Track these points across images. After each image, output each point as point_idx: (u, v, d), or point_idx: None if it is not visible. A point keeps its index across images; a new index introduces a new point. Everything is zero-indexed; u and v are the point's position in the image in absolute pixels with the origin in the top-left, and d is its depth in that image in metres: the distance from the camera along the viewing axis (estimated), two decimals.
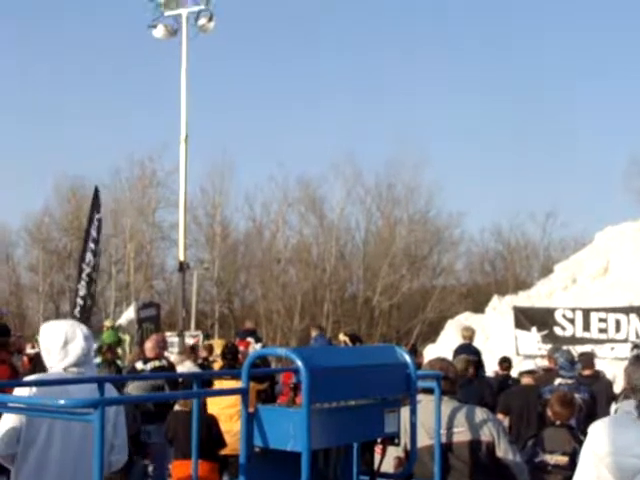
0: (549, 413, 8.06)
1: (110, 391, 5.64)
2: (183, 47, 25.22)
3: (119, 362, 15.79)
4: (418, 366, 5.43)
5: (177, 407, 9.76)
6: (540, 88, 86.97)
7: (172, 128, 28.31)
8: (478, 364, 14.61)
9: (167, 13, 25.09)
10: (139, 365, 12.09)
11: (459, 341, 15.70)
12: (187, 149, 25.33)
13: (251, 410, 4.45)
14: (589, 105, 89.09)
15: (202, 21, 24.97)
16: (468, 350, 14.79)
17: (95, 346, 12.19)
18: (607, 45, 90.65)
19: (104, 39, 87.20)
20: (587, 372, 12.08)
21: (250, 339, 19.20)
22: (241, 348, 15.99)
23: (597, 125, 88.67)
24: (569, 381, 10.05)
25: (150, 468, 11.66)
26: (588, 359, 12.50)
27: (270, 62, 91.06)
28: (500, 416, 11.00)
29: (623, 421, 5.21)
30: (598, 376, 12.81)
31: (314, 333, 19.61)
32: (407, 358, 4.96)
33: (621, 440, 5.09)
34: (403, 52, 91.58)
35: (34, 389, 5.32)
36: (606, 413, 8.71)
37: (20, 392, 5.35)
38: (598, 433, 5.25)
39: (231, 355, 12.03)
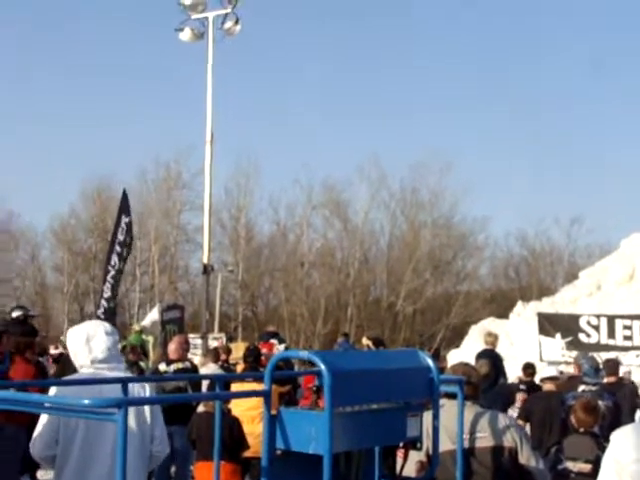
0: (572, 420, 8.02)
1: (141, 390, 5.70)
2: (209, 50, 25.29)
3: (142, 364, 15.84)
4: (441, 371, 5.43)
5: (201, 408, 9.78)
6: (566, 94, 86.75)
7: (198, 130, 28.40)
8: (499, 370, 14.56)
9: (194, 16, 25.17)
10: (162, 366, 12.13)
11: (483, 346, 15.64)
12: (212, 151, 25.35)
13: (273, 412, 4.46)
14: (615, 111, 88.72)
15: (228, 24, 25.02)
16: (490, 355, 14.74)
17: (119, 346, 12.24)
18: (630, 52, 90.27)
19: (132, 42, 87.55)
20: (611, 379, 12.01)
21: (274, 341, 19.22)
22: (264, 350, 16.02)
23: (624, 131, 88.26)
24: (593, 388, 9.99)
25: (173, 469, 11.69)
26: (613, 366, 12.42)
27: (296, 65, 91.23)
28: (520, 422, 10.98)
29: None
30: (622, 383, 12.74)
31: (340, 339, 19.64)
32: (430, 362, 4.96)
33: None
34: (430, 57, 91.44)
35: (67, 389, 5.37)
36: (630, 420, 8.67)
37: (52, 392, 5.41)
38: (621, 440, 5.22)
39: (253, 357, 12.03)
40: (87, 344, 5.64)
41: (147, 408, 5.65)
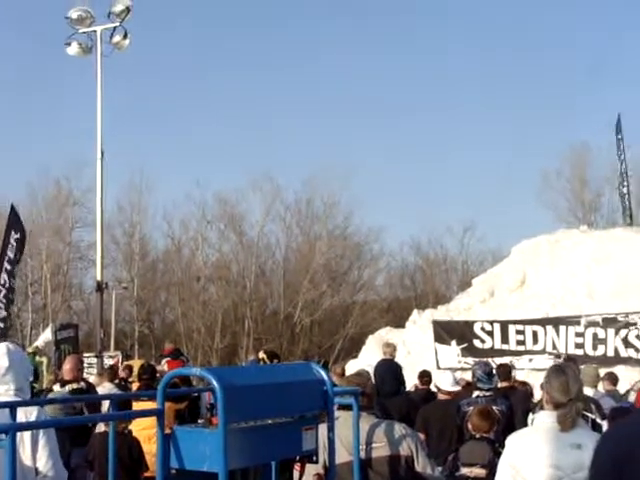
0: (468, 426, 8.12)
1: (29, 416, 5.47)
2: (98, 64, 25.00)
3: (35, 385, 15.49)
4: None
5: (102, 428, 9.60)
6: (456, 105, 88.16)
7: (89, 146, 28.01)
8: (399, 379, 14.64)
9: (81, 30, 24.85)
10: (56, 388, 11.87)
11: (380, 356, 15.70)
12: (103, 167, 25.06)
13: (167, 431, 4.40)
14: (502, 121, 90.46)
15: (117, 38, 24.79)
16: (389, 365, 14.80)
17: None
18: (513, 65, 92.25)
19: (19, 55, 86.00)
20: (505, 384, 12.18)
21: (184, 358, 19.02)
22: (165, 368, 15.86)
23: (511, 139, 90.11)
24: (487, 393, 10.12)
25: None
26: (505, 371, 12.60)
27: (188, 79, 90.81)
28: (421, 435, 11.06)
29: (539, 432, 5.27)
30: (515, 387, 12.93)
31: (251, 357, 19.47)
32: (324, 375, 4.96)
33: (537, 451, 5.15)
34: (324, 67, 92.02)
35: None
36: (524, 424, 8.78)
37: None
38: (514, 445, 5.30)
39: (147, 375, 11.86)
40: None
41: (27, 438, 5.24)
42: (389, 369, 14.46)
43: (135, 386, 13.70)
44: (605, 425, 9.14)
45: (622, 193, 33.01)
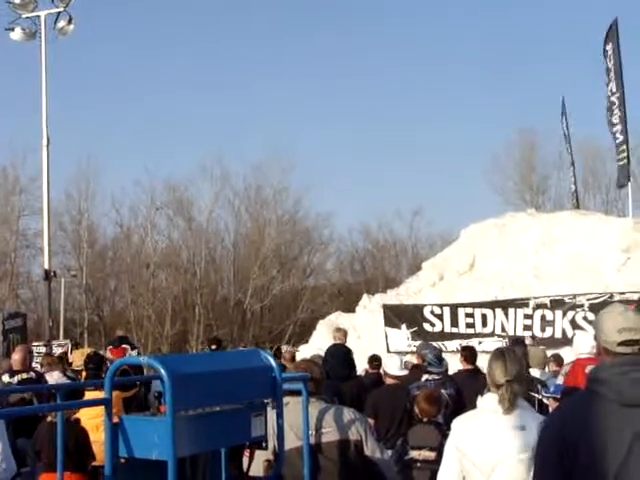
0: (416, 410, 8.17)
1: None
2: (42, 50, 24.72)
3: None
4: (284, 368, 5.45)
5: (49, 418, 9.53)
6: (404, 87, 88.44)
7: (34, 133, 27.72)
8: (350, 364, 14.67)
9: (25, 15, 24.55)
10: (5, 378, 11.77)
11: (331, 341, 15.72)
12: (49, 154, 24.84)
13: (115, 420, 4.39)
14: (453, 103, 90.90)
15: (61, 23, 24.54)
16: (339, 350, 14.84)
17: None
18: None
19: None
20: (469, 367, 12.11)
21: (126, 346, 18.88)
22: (109, 356, 15.73)
23: (459, 124, 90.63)
24: (436, 377, 10.18)
25: None
26: (471, 354, 12.38)
27: (134, 64, 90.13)
28: (370, 420, 11.11)
29: (483, 414, 5.33)
30: (479, 371, 12.92)
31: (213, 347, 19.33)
32: (272, 361, 4.97)
33: (481, 433, 5.21)
34: (272, 55, 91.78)
35: None
36: (473, 407, 8.84)
37: None
38: (459, 428, 5.37)
39: (94, 365, 11.78)
40: None
41: None
42: (340, 354, 14.54)
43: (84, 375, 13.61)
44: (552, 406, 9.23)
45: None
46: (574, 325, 21.65)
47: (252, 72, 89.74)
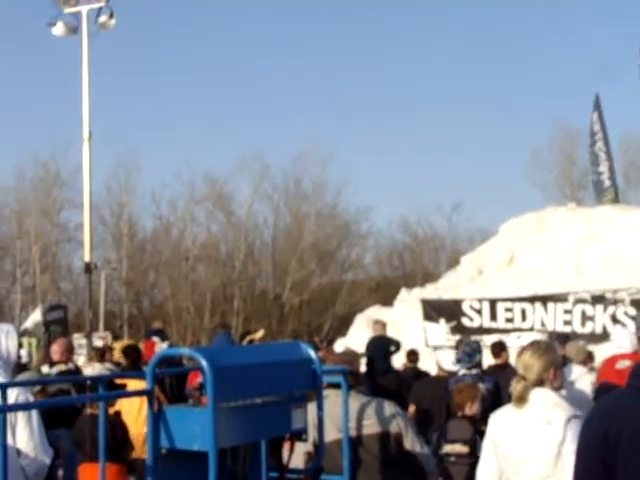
0: (452, 404, 8.17)
1: (20, 396, 5.46)
2: (84, 45, 24.92)
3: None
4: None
5: (88, 411, 9.62)
6: (444, 83, 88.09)
7: (76, 127, 27.90)
8: (388, 355, 14.68)
9: (67, 10, 24.76)
10: (45, 369, 11.88)
11: (369, 334, 15.78)
12: (91, 148, 25.04)
13: (156, 411, 4.42)
14: (494, 97, 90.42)
15: (103, 18, 24.70)
16: (379, 343, 14.86)
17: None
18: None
19: (2, 37, 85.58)
20: (497, 361, 12.16)
21: (155, 338, 18.95)
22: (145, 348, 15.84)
23: (500, 118, 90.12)
24: (473, 371, 10.14)
25: (60, 472, 11.48)
26: (496, 349, 12.53)
27: (176, 59, 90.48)
28: (412, 408, 11.14)
29: (513, 409, 5.31)
30: (506, 365, 12.93)
31: (219, 331, 19.35)
32: (312, 354, 4.98)
33: (510, 427, 5.20)
34: (312, 47, 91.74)
35: None
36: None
37: None
38: (494, 422, 5.36)
39: (130, 356, 11.92)
40: None
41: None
42: (379, 347, 14.57)
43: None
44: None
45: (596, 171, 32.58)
46: (615, 320, 21.51)
47: (291, 64, 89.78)
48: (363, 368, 10.88)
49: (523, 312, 22.82)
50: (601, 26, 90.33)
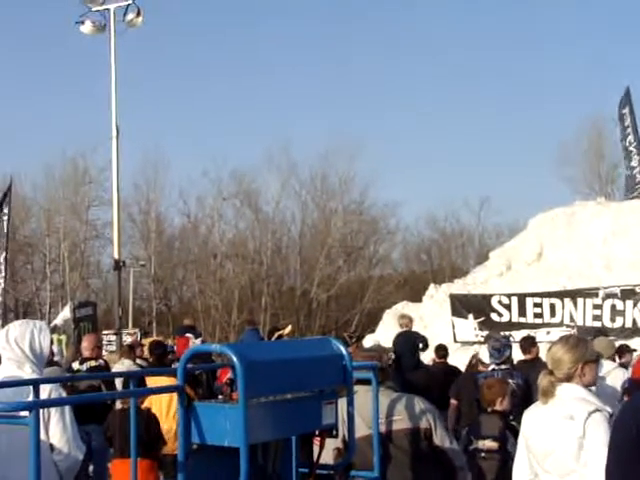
0: (481, 400, 8.15)
1: (53, 392, 5.49)
2: (111, 42, 25.04)
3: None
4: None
5: (119, 406, 9.69)
6: (473, 78, 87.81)
7: (104, 124, 28.07)
8: (416, 350, 14.62)
9: (94, 8, 24.87)
10: (75, 365, 11.97)
11: (397, 330, 15.73)
12: (118, 145, 25.15)
13: (187, 407, 4.43)
14: (522, 91, 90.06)
15: (130, 16, 24.79)
16: (406, 339, 14.80)
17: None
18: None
19: (31, 36, 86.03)
20: (527, 357, 12.10)
21: (189, 335, 19.07)
22: (180, 345, 15.88)
23: (527, 112, 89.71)
24: (503, 367, 10.10)
25: (90, 468, 11.56)
26: (526, 344, 12.45)
27: (202, 56, 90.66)
28: (453, 402, 11.21)
29: (540, 404, 5.30)
30: (537, 360, 12.88)
31: (248, 328, 19.46)
32: (342, 350, 4.98)
33: (537, 423, 5.20)
34: (338, 40, 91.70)
35: None
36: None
37: None
38: (526, 417, 5.37)
39: (156, 353, 12.00)
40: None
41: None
42: (406, 343, 14.51)
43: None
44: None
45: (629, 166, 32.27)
46: None
47: (318, 59, 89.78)
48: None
49: (552, 307, 22.73)
50: None
